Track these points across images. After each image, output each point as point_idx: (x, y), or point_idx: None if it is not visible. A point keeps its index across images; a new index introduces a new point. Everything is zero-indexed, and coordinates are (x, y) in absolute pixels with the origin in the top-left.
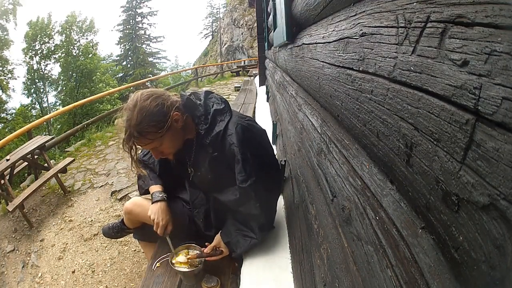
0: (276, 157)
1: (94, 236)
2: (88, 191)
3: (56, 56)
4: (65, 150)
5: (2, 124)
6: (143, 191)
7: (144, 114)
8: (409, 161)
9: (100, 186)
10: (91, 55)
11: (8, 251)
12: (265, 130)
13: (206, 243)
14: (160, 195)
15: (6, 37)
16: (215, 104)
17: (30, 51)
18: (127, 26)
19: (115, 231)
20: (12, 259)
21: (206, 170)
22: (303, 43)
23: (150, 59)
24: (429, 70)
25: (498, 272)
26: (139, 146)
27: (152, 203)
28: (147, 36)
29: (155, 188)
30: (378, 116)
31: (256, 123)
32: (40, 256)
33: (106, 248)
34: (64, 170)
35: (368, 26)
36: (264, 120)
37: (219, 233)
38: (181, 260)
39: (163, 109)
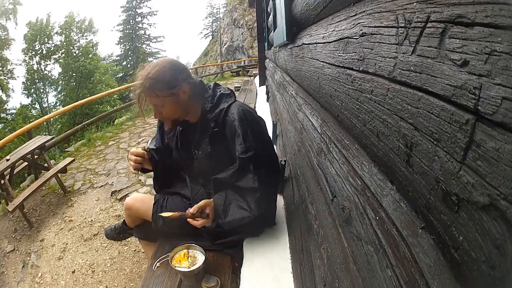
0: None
1: (94, 236)
2: (88, 191)
3: (56, 56)
4: (65, 150)
5: (2, 124)
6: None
7: (160, 71)
8: (409, 161)
9: (100, 186)
10: (91, 55)
11: (8, 251)
12: (264, 121)
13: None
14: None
15: (6, 36)
16: (222, 90)
17: (30, 51)
18: (127, 26)
19: (117, 232)
20: (12, 259)
21: (206, 146)
22: (303, 43)
23: (150, 59)
24: (429, 70)
25: (498, 272)
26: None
27: None
28: (147, 36)
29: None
30: (378, 116)
31: (257, 113)
32: (40, 256)
33: (106, 248)
34: (64, 170)
35: (368, 26)
36: (264, 120)
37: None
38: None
39: (177, 76)
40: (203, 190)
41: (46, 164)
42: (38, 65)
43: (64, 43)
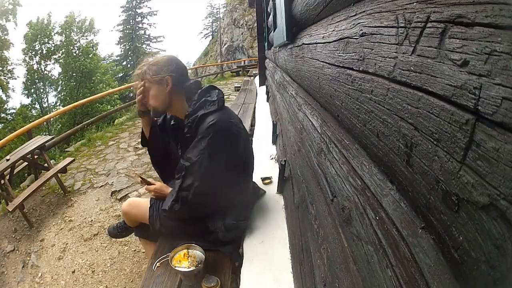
0: (277, 157)
1: (94, 236)
2: (88, 191)
3: (56, 56)
4: (65, 150)
5: (2, 124)
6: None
7: (158, 62)
8: (409, 161)
9: (100, 186)
10: (91, 55)
11: (8, 251)
12: (241, 131)
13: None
14: None
15: (6, 37)
16: (210, 96)
17: (30, 51)
18: (127, 26)
19: (120, 231)
20: (12, 259)
21: (178, 149)
22: (303, 43)
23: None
24: (429, 70)
25: (498, 272)
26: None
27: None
28: (147, 36)
29: None
30: (378, 116)
31: (237, 122)
32: (40, 256)
33: (106, 248)
34: (64, 170)
35: (368, 26)
36: (264, 120)
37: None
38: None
39: (165, 67)
40: None
41: (46, 164)
42: (38, 65)
43: (64, 43)
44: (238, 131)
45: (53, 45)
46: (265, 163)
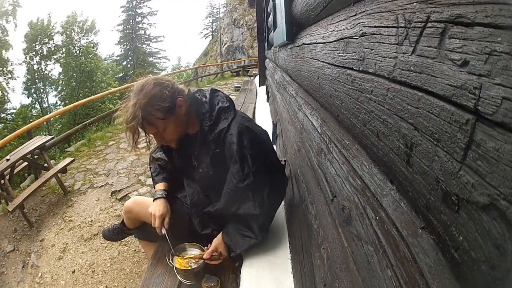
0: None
1: (94, 236)
2: (88, 191)
3: (56, 56)
4: (65, 150)
5: (2, 124)
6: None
7: (149, 98)
8: (409, 161)
9: (100, 186)
10: (91, 55)
11: (8, 251)
12: (266, 132)
13: (205, 247)
14: (160, 193)
15: (5, 38)
16: (220, 102)
17: (31, 51)
18: (127, 26)
19: (115, 233)
20: (12, 259)
21: (207, 166)
22: (303, 43)
23: (150, 59)
24: (429, 70)
25: (498, 272)
26: (142, 133)
27: (153, 201)
28: (147, 36)
29: (159, 187)
30: (378, 116)
31: (257, 125)
32: (40, 256)
33: (106, 248)
34: (64, 170)
35: (368, 26)
36: (264, 120)
37: (218, 236)
38: (181, 261)
39: (168, 94)
40: (201, 194)
41: (46, 164)
42: (39, 65)
43: (65, 43)
44: (260, 128)
45: (53, 45)
46: None
